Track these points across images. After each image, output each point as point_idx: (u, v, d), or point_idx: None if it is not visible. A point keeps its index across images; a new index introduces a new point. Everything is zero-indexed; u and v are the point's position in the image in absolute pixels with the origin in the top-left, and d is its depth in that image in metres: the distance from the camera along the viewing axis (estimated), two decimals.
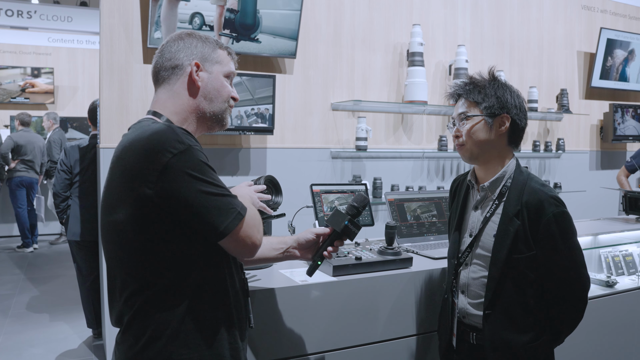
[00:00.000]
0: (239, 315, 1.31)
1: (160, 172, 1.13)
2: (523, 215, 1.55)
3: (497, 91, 1.60)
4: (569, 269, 1.56)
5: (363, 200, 1.53)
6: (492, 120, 1.59)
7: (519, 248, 1.55)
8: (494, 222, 1.61)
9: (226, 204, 1.18)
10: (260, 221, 1.28)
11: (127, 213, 1.16)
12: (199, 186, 1.15)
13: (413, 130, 4.09)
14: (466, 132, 1.61)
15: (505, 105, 1.59)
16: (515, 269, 1.56)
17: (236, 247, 1.22)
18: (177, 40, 1.34)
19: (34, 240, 6.83)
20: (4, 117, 8.27)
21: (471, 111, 1.61)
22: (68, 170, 3.62)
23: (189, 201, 1.14)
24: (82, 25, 8.28)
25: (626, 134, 4.98)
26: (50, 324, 4.15)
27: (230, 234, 1.18)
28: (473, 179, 1.71)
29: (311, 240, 1.54)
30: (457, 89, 1.67)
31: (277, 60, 3.58)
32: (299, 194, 2.75)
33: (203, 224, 1.17)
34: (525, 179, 1.61)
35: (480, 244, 1.63)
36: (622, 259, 2.77)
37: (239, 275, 1.36)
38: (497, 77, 1.65)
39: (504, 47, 4.46)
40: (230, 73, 1.38)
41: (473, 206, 1.69)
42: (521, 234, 1.54)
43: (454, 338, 1.70)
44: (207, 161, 1.19)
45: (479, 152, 1.62)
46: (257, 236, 1.24)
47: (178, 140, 1.15)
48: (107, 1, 3.08)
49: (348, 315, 1.81)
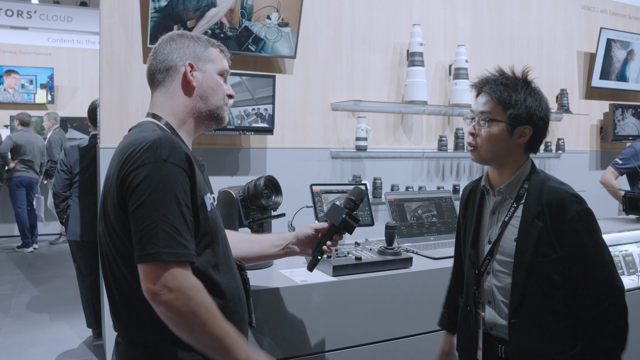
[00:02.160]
0: (240, 315, 1.31)
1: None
2: (545, 216, 1.46)
3: (528, 99, 1.50)
4: (600, 269, 1.45)
5: (360, 193, 1.52)
6: (514, 130, 1.50)
7: (542, 251, 1.45)
8: (514, 225, 1.52)
9: (159, 234, 1.10)
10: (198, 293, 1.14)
11: (118, 214, 1.17)
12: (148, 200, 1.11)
13: (413, 130, 4.08)
14: (484, 136, 1.51)
15: (532, 118, 1.50)
16: (540, 273, 1.46)
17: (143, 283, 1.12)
18: (169, 41, 1.34)
19: (33, 240, 6.83)
20: (4, 117, 8.27)
21: (495, 114, 1.50)
22: (68, 170, 3.62)
23: (133, 210, 1.13)
24: (82, 25, 8.27)
25: (626, 132, 4.98)
26: (50, 324, 4.15)
27: (141, 265, 1.11)
28: (487, 184, 1.61)
29: (310, 235, 1.54)
30: (485, 82, 1.55)
31: (277, 60, 3.58)
32: (299, 194, 2.75)
33: (134, 236, 1.13)
34: (542, 179, 1.53)
35: (500, 250, 1.54)
36: (622, 259, 2.77)
37: (240, 275, 1.37)
38: (530, 81, 1.54)
39: (504, 47, 4.46)
40: (224, 71, 1.37)
41: (490, 211, 1.60)
42: (544, 236, 1.45)
43: (479, 352, 1.59)
44: (182, 181, 1.15)
45: (492, 157, 1.54)
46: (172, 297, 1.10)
47: (161, 151, 1.14)
48: (107, 1, 3.08)
49: (348, 315, 1.81)
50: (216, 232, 1.27)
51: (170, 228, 1.11)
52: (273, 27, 3.37)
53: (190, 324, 1.11)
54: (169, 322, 1.12)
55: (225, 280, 1.27)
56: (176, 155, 1.16)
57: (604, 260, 1.46)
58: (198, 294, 1.13)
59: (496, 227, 1.57)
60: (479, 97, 1.58)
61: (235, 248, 1.53)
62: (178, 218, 1.12)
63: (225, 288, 1.26)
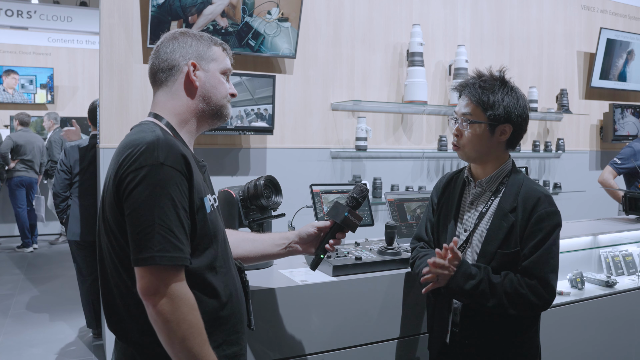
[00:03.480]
0: (239, 317, 1.30)
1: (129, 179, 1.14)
2: (518, 212, 1.57)
3: (505, 98, 1.58)
4: (545, 268, 1.54)
5: (362, 191, 1.51)
6: (495, 129, 1.60)
7: (508, 243, 1.56)
8: (489, 216, 1.62)
9: (155, 238, 1.10)
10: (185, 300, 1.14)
11: (115, 215, 1.17)
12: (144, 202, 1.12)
13: (413, 130, 4.09)
14: (467, 137, 1.62)
15: (510, 116, 1.59)
16: (501, 263, 1.57)
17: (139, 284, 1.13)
18: (171, 40, 1.32)
19: (33, 240, 6.83)
20: (4, 117, 8.27)
21: (475, 116, 1.60)
22: (68, 171, 3.62)
23: (129, 212, 1.13)
24: (82, 25, 8.27)
25: (626, 132, 4.98)
26: (50, 324, 4.15)
27: (138, 268, 1.12)
28: (470, 175, 1.71)
29: (312, 234, 1.53)
30: (464, 86, 1.64)
31: (277, 60, 3.58)
32: (299, 194, 2.75)
33: (130, 239, 1.14)
34: (522, 178, 1.64)
35: (474, 239, 1.65)
36: (622, 259, 2.77)
37: (238, 277, 1.36)
38: (507, 80, 1.63)
39: (504, 47, 4.46)
40: (226, 69, 1.36)
41: (469, 202, 1.70)
42: (514, 230, 1.56)
43: (447, 335, 1.70)
44: (179, 183, 1.15)
45: (476, 155, 1.64)
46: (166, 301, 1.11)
47: (157, 154, 1.14)
48: (107, 1, 3.08)
49: (348, 315, 1.81)
50: (215, 234, 1.26)
51: (166, 231, 1.11)
52: (273, 22, 3.37)
53: (171, 333, 1.11)
54: (154, 325, 1.13)
55: (223, 282, 1.26)
56: (173, 157, 1.15)
57: (550, 263, 1.55)
58: (188, 308, 1.13)
59: (473, 217, 1.66)
60: (460, 100, 1.68)
61: (237, 247, 1.52)
62: (174, 221, 1.13)
63: (222, 290, 1.25)
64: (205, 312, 1.20)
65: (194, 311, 1.14)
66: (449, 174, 1.84)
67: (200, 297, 1.20)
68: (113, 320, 1.24)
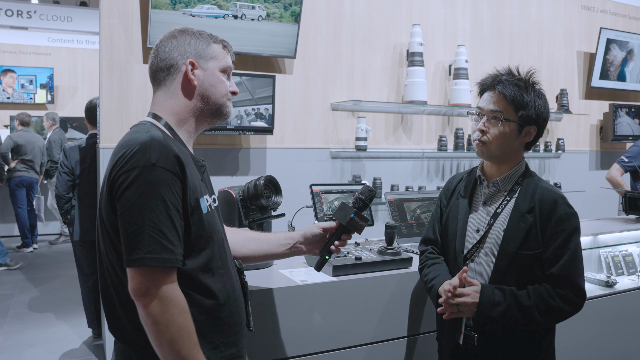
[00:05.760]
0: (237, 318, 1.30)
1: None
2: (536, 213, 1.55)
3: (536, 100, 1.57)
4: (573, 270, 1.52)
5: (370, 193, 1.49)
6: (522, 129, 1.58)
7: (528, 244, 1.54)
8: (504, 217, 1.59)
9: (145, 239, 1.10)
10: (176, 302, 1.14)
11: (110, 215, 1.17)
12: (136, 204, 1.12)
13: (413, 130, 4.09)
14: (496, 134, 1.57)
15: (539, 119, 1.58)
16: (521, 264, 1.54)
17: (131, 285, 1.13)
18: (170, 38, 1.31)
19: (33, 240, 6.83)
20: (4, 117, 8.27)
21: (506, 113, 1.56)
22: (70, 172, 3.62)
23: (121, 213, 1.13)
24: (82, 25, 8.28)
25: (622, 133, 4.97)
26: (50, 324, 4.15)
27: (129, 269, 1.12)
28: (482, 174, 1.69)
29: (318, 234, 1.52)
30: (498, 81, 1.59)
31: (277, 60, 3.58)
32: (299, 194, 2.75)
33: (122, 240, 1.14)
34: (537, 179, 1.63)
35: (489, 239, 1.61)
36: (622, 259, 2.77)
37: (237, 278, 1.35)
38: (536, 82, 1.61)
39: (504, 47, 4.46)
40: (227, 67, 1.35)
41: (482, 201, 1.66)
42: (533, 231, 1.54)
43: (461, 337, 1.65)
44: (171, 184, 1.14)
45: (499, 154, 1.60)
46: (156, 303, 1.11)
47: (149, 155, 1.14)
48: (107, 1, 3.08)
49: (348, 315, 1.81)
50: (212, 235, 1.25)
51: (156, 232, 1.11)
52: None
53: (160, 335, 1.11)
54: (144, 326, 1.13)
55: (220, 283, 1.25)
56: (165, 158, 1.14)
57: (578, 267, 1.54)
58: (178, 310, 1.12)
59: (487, 217, 1.63)
60: (486, 95, 1.62)
61: (242, 247, 1.52)
62: (165, 222, 1.12)
63: (219, 291, 1.25)
64: (203, 313, 1.20)
65: (184, 314, 1.14)
66: (459, 174, 1.81)
67: (197, 299, 1.20)
68: (112, 320, 1.24)
